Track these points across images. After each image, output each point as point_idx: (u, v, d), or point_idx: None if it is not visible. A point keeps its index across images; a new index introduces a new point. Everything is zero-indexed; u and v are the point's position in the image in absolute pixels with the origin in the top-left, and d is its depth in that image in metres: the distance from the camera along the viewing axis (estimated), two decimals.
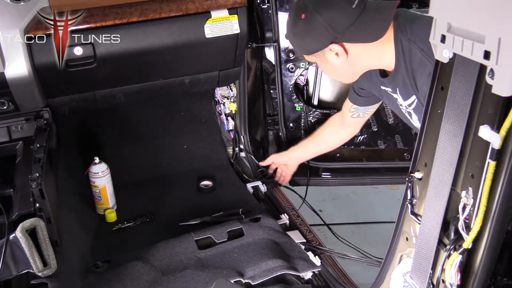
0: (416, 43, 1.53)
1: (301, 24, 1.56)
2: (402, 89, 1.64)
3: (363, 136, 2.45)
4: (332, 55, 1.60)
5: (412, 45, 1.53)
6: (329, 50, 1.59)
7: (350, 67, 1.65)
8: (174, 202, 2.34)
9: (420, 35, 1.53)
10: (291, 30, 1.63)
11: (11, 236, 1.44)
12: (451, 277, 1.02)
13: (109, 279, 1.75)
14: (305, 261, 1.85)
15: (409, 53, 1.55)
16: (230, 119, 2.64)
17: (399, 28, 1.57)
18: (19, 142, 1.86)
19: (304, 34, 1.58)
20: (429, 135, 1.08)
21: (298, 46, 1.67)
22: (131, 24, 1.91)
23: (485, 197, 0.91)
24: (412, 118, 1.72)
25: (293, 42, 1.68)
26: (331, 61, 1.62)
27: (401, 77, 1.61)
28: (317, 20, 1.53)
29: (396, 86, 1.66)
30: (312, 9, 1.54)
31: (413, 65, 1.55)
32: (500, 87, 0.81)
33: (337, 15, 1.53)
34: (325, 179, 2.59)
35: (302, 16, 1.55)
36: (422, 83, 1.52)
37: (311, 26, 1.55)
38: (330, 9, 1.53)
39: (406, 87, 1.61)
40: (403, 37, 1.56)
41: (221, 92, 2.63)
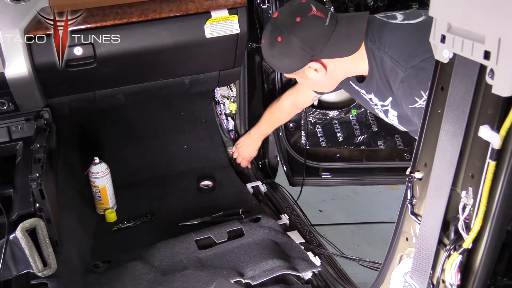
0: (385, 51, 1.57)
1: (278, 46, 1.61)
2: (377, 93, 1.69)
3: (363, 136, 2.45)
4: (311, 72, 1.65)
5: (382, 53, 1.58)
6: (308, 67, 1.63)
7: (329, 79, 1.70)
8: (174, 202, 2.34)
9: (388, 43, 1.57)
10: (269, 52, 1.67)
11: (11, 236, 1.44)
12: (451, 277, 1.02)
13: (109, 279, 1.75)
14: (305, 261, 1.85)
15: (380, 61, 1.59)
16: (230, 119, 2.64)
17: (368, 38, 1.61)
18: (19, 142, 1.86)
19: (282, 56, 1.63)
20: (429, 135, 1.08)
21: (278, 66, 1.73)
22: (131, 24, 1.91)
23: (485, 197, 0.91)
24: (388, 116, 1.75)
25: (272, 63, 1.74)
26: (310, 77, 1.67)
27: (375, 82, 1.66)
28: (293, 42, 1.58)
29: (371, 90, 1.71)
30: (287, 31, 1.58)
31: (385, 72, 1.59)
32: (500, 87, 0.81)
33: (312, 35, 1.58)
34: (325, 179, 2.59)
35: (278, 39, 1.60)
36: (396, 89, 1.56)
37: (288, 48, 1.59)
38: (305, 30, 1.57)
39: (381, 90, 1.66)
40: (373, 46, 1.60)
41: (221, 92, 2.63)
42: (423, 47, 1.44)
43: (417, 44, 1.50)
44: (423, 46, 1.43)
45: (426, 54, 1.43)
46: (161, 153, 2.62)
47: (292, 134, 2.53)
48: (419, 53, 1.47)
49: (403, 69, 1.50)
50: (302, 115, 2.45)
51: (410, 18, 1.61)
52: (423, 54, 1.45)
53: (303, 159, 2.53)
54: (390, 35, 1.58)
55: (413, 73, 1.47)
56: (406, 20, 1.61)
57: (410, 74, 1.48)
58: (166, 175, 2.54)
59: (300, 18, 1.58)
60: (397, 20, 1.62)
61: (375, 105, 1.77)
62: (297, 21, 1.58)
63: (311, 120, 2.46)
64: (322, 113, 2.44)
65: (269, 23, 1.68)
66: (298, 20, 1.58)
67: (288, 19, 1.60)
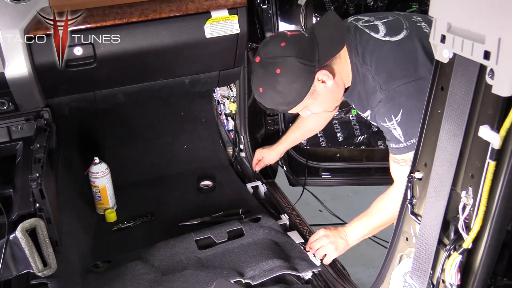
0: (368, 69, 1.60)
1: (281, 77, 1.57)
2: (357, 104, 1.73)
3: (363, 136, 2.45)
4: (320, 86, 1.63)
5: (365, 69, 1.60)
6: (317, 81, 1.61)
7: (336, 87, 1.67)
8: (174, 202, 2.34)
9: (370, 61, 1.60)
10: (273, 92, 1.60)
11: (11, 236, 1.44)
12: (451, 277, 1.02)
13: (109, 279, 1.75)
14: (305, 261, 1.85)
15: (363, 77, 1.62)
16: (230, 119, 2.64)
17: (352, 52, 1.64)
18: (19, 142, 1.86)
19: (289, 83, 1.58)
20: (429, 135, 1.08)
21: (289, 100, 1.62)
22: (131, 24, 1.91)
23: (485, 197, 0.91)
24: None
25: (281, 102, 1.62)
26: (322, 92, 1.64)
27: (356, 94, 1.68)
28: (292, 62, 1.56)
29: (352, 101, 1.75)
30: (280, 59, 1.57)
31: (367, 87, 1.62)
32: (500, 87, 0.81)
33: (303, 48, 1.58)
34: (325, 179, 2.59)
35: (277, 71, 1.57)
36: (374, 106, 1.61)
37: (291, 71, 1.57)
38: (294, 47, 1.57)
39: (361, 103, 1.69)
40: (356, 59, 1.63)
41: (221, 92, 2.63)
42: (401, 72, 1.53)
43: (396, 67, 1.55)
44: (401, 71, 1.53)
45: (403, 80, 1.51)
46: (161, 153, 2.62)
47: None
48: (398, 77, 1.53)
49: (382, 91, 1.55)
50: None
51: (391, 34, 1.61)
52: (401, 78, 1.52)
53: (304, 159, 2.53)
54: (372, 53, 1.60)
55: (389, 96, 1.54)
56: (387, 36, 1.61)
57: (387, 97, 1.54)
58: (166, 175, 2.55)
59: (284, 42, 1.58)
60: (379, 34, 1.62)
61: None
62: (283, 45, 1.58)
63: None
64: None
65: (255, 71, 1.63)
66: (283, 45, 1.58)
67: (273, 51, 1.59)
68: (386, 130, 1.61)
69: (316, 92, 1.63)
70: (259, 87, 1.63)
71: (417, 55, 1.54)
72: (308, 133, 2.33)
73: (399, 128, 1.53)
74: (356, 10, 2.33)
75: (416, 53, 1.54)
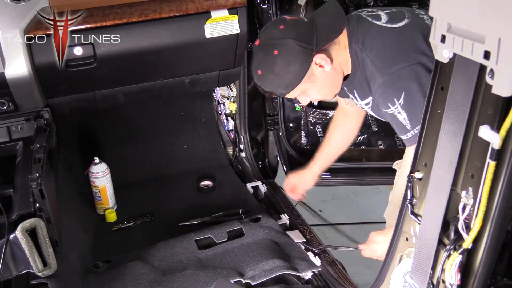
0: (368, 54, 1.59)
1: (279, 59, 1.58)
2: (359, 91, 1.70)
3: (363, 136, 2.45)
4: (318, 70, 1.62)
5: (364, 55, 1.59)
6: (314, 64, 1.60)
7: (334, 74, 1.66)
8: (174, 202, 2.35)
9: (370, 46, 1.59)
10: (271, 74, 1.60)
11: (11, 236, 1.44)
12: (451, 277, 1.02)
13: (109, 279, 1.75)
14: (305, 261, 1.85)
15: (362, 62, 1.61)
16: (230, 119, 2.64)
17: (352, 37, 1.63)
18: (19, 142, 1.86)
19: (286, 66, 1.58)
20: (429, 135, 1.08)
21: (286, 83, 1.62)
22: (131, 24, 1.91)
23: (485, 197, 0.91)
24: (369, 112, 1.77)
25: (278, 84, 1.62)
26: (319, 76, 1.64)
27: (357, 80, 1.67)
28: (290, 44, 1.56)
29: (353, 88, 1.72)
30: (278, 40, 1.57)
31: (366, 73, 1.61)
32: (500, 87, 0.81)
33: (301, 31, 1.58)
34: (325, 179, 2.59)
35: (275, 53, 1.57)
36: (374, 92, 1.60)
37: (288, 53, 1.57)
38: (293, 30, 1.58)
39: (362, 89, 1.67)
40: (356, 46, 1.61)
41: (221, 92, 2.63)
42: (401, 57, 1.52)
43: (396, 52, 1.55)
44: (401, 56, 1.52)
45: (403, 63, 1.50)
46: (161, 153, 2.62)
47: (292, 134, 2.53)
48: (397, 61, 1.52)
49: (381, 75, 1.54)
50: (302, 115, 2.45)
51: (393, 21, 1.61)
52: (400, 63, 1.51)
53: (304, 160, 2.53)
54: (373, 38, 1.60)
55: (390, 80, 1.52)
56: (389, 23, 1.61)
57: (387, 81, 1.53)
58: (166, 175, 2.55)
59: (283, 25, 1.59)
60: (381, 21, 1.62)
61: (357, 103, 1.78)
62: (282, 28, 1.59)
63: (311, 120, 2.46)
64: (322, 113, 2.44)
65: (255, 54, 1.64)
66: (282, 27, 1.59)
67: (272, 33, 1.60)
68: (391, 118, 1.57)
69: (314, 76, 1.63)
70: (257, 70, 1.64)
71: (418, 42, 1.53)
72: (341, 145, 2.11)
73: (403, 112, 1.51)
74: (356, 9, 2.32)
75: (417, 40, 1.53)
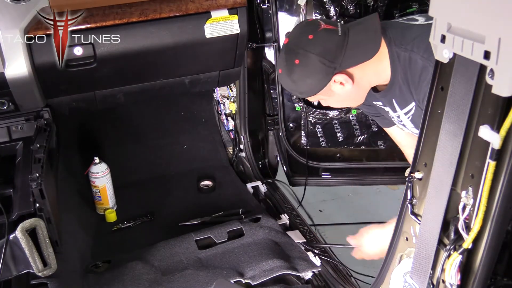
0: (414, 51, 1.54)
1: (298, 69, 1.56)
2: (399, 99, 1.65)
3: (363, 136, 2.45)
4: (337, 86, 1.60)
5: (410, 53, 1.54)
6: (333, 82, 1.58)
7: (357, 91, 1.64)
8: (174, 202, 2.34)
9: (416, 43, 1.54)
10: (289, 79, 1.61)
11: (11, 236, 1.44)
12: (451, 277, 1.02)
13: (109, 279, 1.75)
14: (305, 261, 1.85)
15: (409, 62, 1.55)
16: (230, 119, 2.64)
17: (391, 42, 1.58)
18: (19, 142, 1.86)
19: (304, 77, 1.58)
20: (429, 135, 1.08)
21: (301, 91, 1.64)
22: (131, 24, 1.91)
23: (485, 197, 0.91)
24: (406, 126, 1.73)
25: (295, 89, 1.65)
26: (337, 92, 1.62)
27: (397, 88, 1.62)
28: (312, 59, 1.54)
29: (392, 98, 1.67)
30: (302, 51, 1.55)
31: (413, 73, 1.56)
32: (500, 87, 0.80)
33: (328, 47, 1.54)
34: (325, 179, 2.59)
35: (296, 62, 1.56)
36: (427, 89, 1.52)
37: (308, 67, 1.55)
38: (320, 45, 1.54)
39: (403, 95, 1.63)
40: (398, 48, 1.57)
41: (221, 92, 2.63)
42: None
43: None
44: None
45: None
46: (161, 153, 2.62)
47: (292, 134, 2.53)
48: None
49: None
50: (302, 115, 2.45)
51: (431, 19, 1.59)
52: None
53: (304, 159, 2.53)
54: (417, 36, 1.55)
55: None
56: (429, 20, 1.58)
57: None
58: (166, 175, 2.55)
59: (312, 35, 1.55)
60: (419, 22, 1.60)
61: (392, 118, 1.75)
62: (310, 38, 1.55)
63: (311, 120, 2.46)
64: (322, 113, 2.44)
65: (281, 51, 1.63)
66: (310, 38, 1.55)
67: (300, 40, 1.57)
68: None
69: (331, 91, 1.61)
70: (279, 68, 1.64)
71: None
72: None
73: None
74: (356, 10, 2.33)
75: None
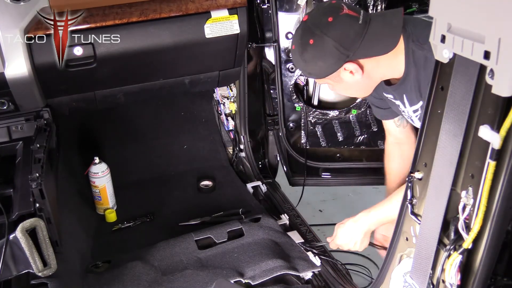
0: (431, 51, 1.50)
1: (311, 49, 1.53)
2: (409, 95, 1.63)
3: (363, 136, 2.45)
4: (346, 74, 1.58)
5: (427, 52, 1.50)
6: (343, 69, 1.56)
7: (366, 82, 1.63)
8: (174, 202, 2.34)
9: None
10: (300, 57, 1.58)
11: (11, 236, 1.43)
12: (451, 277, 1.02)
13: (109, 279, 1.75)
14: (305, 261, 1.85)
15: (424, 62, 1.52)
16: (230, 119, 2.64)
17: (410, 38, 1.55)
18: (19, 142, 1.86)
19: (316, 59, 1.55)
20: (429, 135, 1.08)
21: (310, 71, 1.62)
22: (131, 24, 1.91)
23: (485, 197, 0.91)
24: (415, 123, 1.72)
25: (304, 68, 1.62)
26: (346, 80, 1.60)
27: (409, 84, 1.60)
28: (327, 42, 1.50)
29: (403, 93, 1.65)
30: (319, 32, 1.51)
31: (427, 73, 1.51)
32: (500, 87, 0.81)
33: (346, 34, 1.50)
34: (325, 179, 2.59)
35: (310, 42, 1.53)
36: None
37: (322, 50, 1.52)
38: (338, 29, 1.50)
39: (413, 93, 1.61)
40: (415, 46, 1.54)
41: (221, 92, 2.63)
42: None
43: None
44: None
45: None
46: (161, 153, 2.62)
47: (292, 134, 2.53)
48: None
49: None
50: (302, 115, 2.45)
51: None
52: None
53: (304, 159, 2.53)
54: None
55: None
56: None
57: None
58: (166, 175, 2.55)
59: (333, 18, 1.51)
60: None
61: (403, 112, 1.73)
62: (329, 21, 1.51)
63: (311, 120, 2.46)
64: (322, 113, 2.44)
65: (298, 27, 1.60)
66: (330, 20, 1.51)
67: (319, 20, 1.53)
68: None
69: (340, 78, 1.59)
70: (292, 44, 1.62)
71: None
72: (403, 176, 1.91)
73: None
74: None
75: None
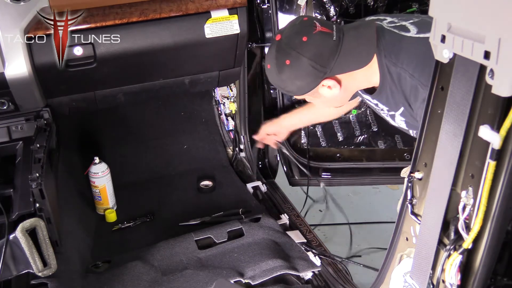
0: (404, 68, 1.51)
1: (288, 70, 1.53)
2: (387, 103, 1.65)
3: (363, 136, 2.45)
4: (325, 90, 1.58)
5: (399, 69, 1.52)
6: (321, 86, 1.57)
7: (343, 94, 1.63)
8: (174, 202, 2.34)
9: (406, 59, 1.51)
10: (277, 77, 1.58)
11: (11, 236, 1.44)
12: (451, 277, 1.02)
13: (109, 279, 1.75)
14: (305, 261, 1.85)
15: (397, 77, 1.53)
16: (230, 119, 2.64)
17: (382, 53, 1.55)
18: (19, 142, 1.86)
19: (293, 79, 1.55)
20: (429, 135, 1.08)
21: (288, 90, 1.62)
22: (131, 24, 1.91)
23: (485, 197, 0.91)
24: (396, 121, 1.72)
25: (282, 87, 1.61)
26: (324, 95, 1.61)
27: (385, 95, 1.61)
28: (303, 62, 1.51)
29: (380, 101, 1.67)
30: (295, 53, 1.51)
31: (403, 88, 1.53)
32: (500, 87, 0.81)
33: (321, 52, 1.51)
34: (325, 179, 2.59)
35: (286, 62, 1.53)
36: (417, 107, 1.52)
37: (299, 70, 1.52)
38: (313, 48, 1.51)
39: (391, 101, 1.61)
40: (388, 62, 1.54)
41: (221, 92, 2.63)
42: None
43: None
44: None
45: None
46: (161, 153, 2.62)
47: (292, 134, 2.53)
48: None
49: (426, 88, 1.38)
50: None
51: (424, 31, 1.53)
52: None
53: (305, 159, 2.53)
54: (407, 51, 1.52)
55: None
56: (421, 33, 1.53)
57: None
58: (166, 175, 2.55)
59: (307, 37, 1.51)
60: (411, 33, 1.55)
61: (381, 110, 1.73)
62: (304, 40, 1.50)
63: None
64: None
65: (272, 47, 1.59)
66: (304, 40, 1.50)
67: (293, 40, 1.53)
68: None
69: (318, 93, 1.61)
70: (268, 64, 1.61)
71: None
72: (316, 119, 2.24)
73: None
74: (356, 10, 2.33)
75: None
